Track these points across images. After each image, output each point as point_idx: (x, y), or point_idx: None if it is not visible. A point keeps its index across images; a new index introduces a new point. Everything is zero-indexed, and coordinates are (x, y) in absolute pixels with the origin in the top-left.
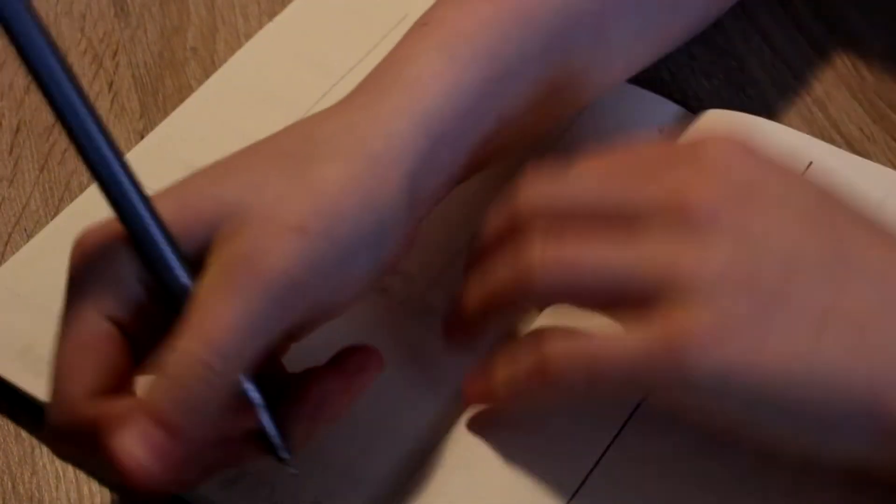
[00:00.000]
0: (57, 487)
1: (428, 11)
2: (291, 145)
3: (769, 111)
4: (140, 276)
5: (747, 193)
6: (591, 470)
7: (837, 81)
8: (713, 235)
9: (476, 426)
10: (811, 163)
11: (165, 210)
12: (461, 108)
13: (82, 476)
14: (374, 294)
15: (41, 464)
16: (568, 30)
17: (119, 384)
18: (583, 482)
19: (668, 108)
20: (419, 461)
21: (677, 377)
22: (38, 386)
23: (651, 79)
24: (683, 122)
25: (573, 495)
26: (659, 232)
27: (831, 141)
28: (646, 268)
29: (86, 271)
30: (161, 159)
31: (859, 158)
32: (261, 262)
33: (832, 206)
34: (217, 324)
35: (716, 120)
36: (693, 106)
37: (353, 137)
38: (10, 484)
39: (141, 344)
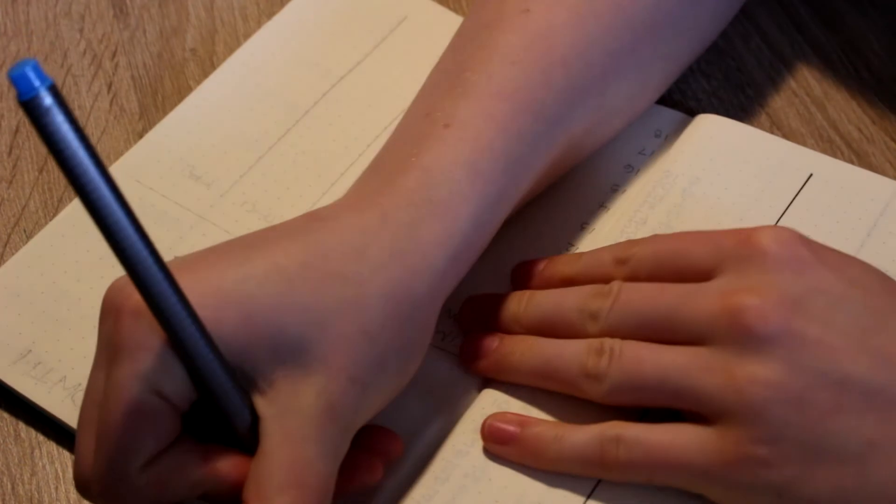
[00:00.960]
0: (56, 488)
1: (441, 105)
2: (330, 257)
3: (768, 111)
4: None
5: (802, 302)
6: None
7: (836, 82)
8: (767, 349)
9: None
10: (811, 175)
11: (228, 323)
12: (482, 224)
13: None
14: None
15: (41, 464)
16: (572, 109)
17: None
18: (597, 483)
19: (665, 114)
20: (427, 469)
21: (729, 487)
22: (36, 389)
23: None
24: (679, 125)
25: (589, 495)
26: (715, 342)
27: (830, 141)
28: (703, 379)
29: (137, 339)
30: (160, 158)
31: (859, 169)
32: (341, 416)
33: (886, 308)
34: (318, 483)
35: (713, 127)
36: (692, 106)
37: (400, 274)
38: (9, 485)
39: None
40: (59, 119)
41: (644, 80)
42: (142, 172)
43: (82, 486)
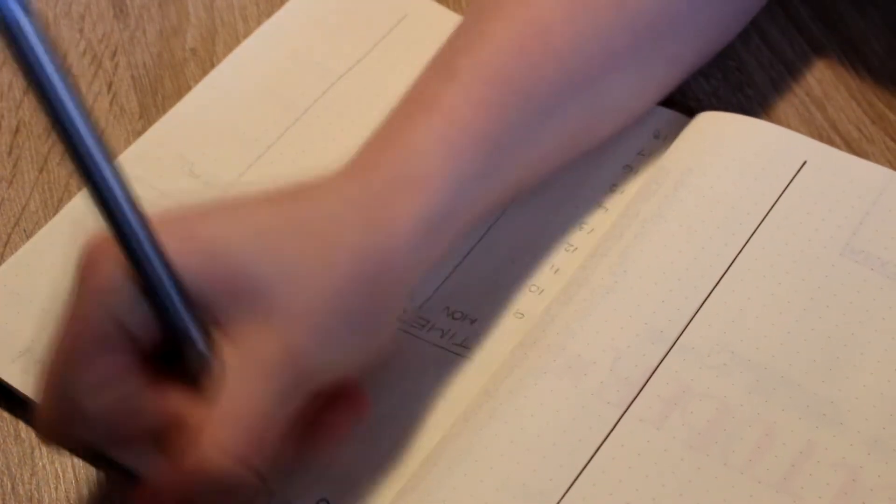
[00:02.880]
0: (56, 488)
1: (426, 88)
2: (309, 218)
3: (767, 111)
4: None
5: None
6: (582, 469)
7: (836, 82)
8: None
9: None
10: (805, 162)
11: (190, 261)
12: (458, 202)
13: (82, 477)
14: None
15: (41, 464)
16: (561, 96)
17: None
18: (574, 481)
19: (662, 114)
20: (416, 461)
21: None
22: (35, 388)
23: None
24: (678, 126)
25: (576, 478)
26: None
27: (829, 141)
28: None
29: (102, 271)
30: (159, 156)
31: (853, 157)
32: (298, 365)
33: None
34: (259, 426)
35: (710, 122)
36: (692, 106)
37: (371, 237)
38: (9, 484)
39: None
40: (32, 34)
41: (644, 80)
42: (141, 170)
43: (40, 425)
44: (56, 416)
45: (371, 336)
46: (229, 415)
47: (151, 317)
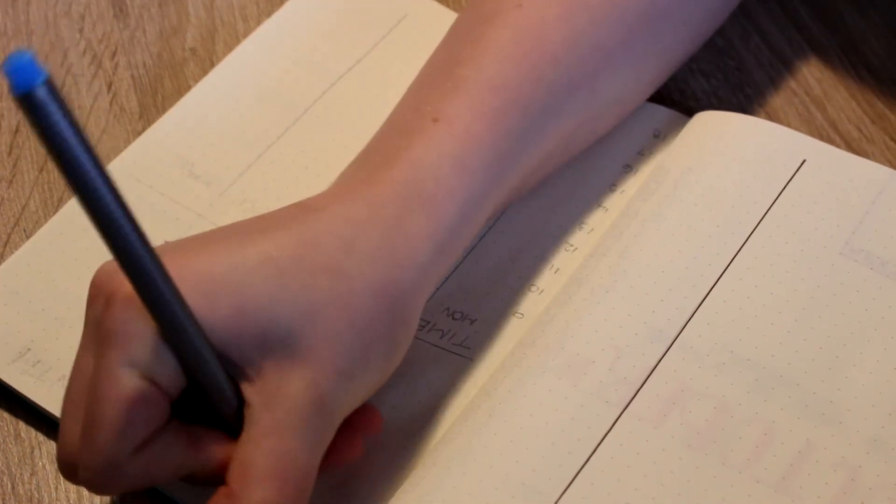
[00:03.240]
0: (56, 488)
1: (430, 100)
2: (320, 248)
3: (767, 111)
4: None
5: None
6: (581, 468)
7: (836, 82)
8: None
9: None
10: (804, 161)
11: (218, 312)
12: (467, 216)
13: None
14: None
15: (41, 464)
16: (563, 103)
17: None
18: (572, 480)
19: (662, 113)
20: (415, 461)
21: None
22: (35, 388)
23: None
24: (678, 126)
25: (574, 477)
26: None
27: (829, 141)
28: None
29: (128, 327)
30: (158, 156)
31: (853, 156)
32: (327, 408)
33: None
34: (300, 476)
35: (709, 121)
36: (691, 106)
37: (387, 268)
38: (9, 484)
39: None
40: (55, 112)
41: (637, 75)
42: (140, 170)
43: (67, 470)
44: (93, 472)
45: (390, 360)
46: (268, 470)
47: (178, 367)
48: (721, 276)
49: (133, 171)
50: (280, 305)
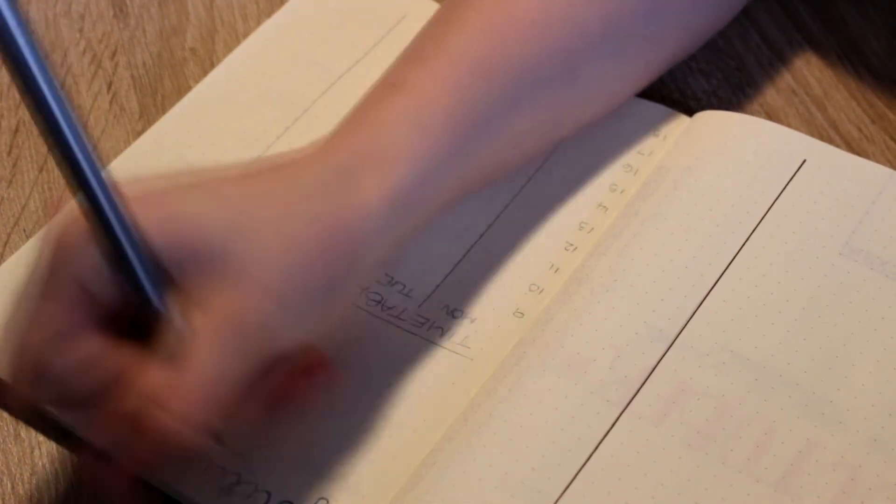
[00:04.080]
0: (56, 488)
1: (395, 71)
2: (277, 189)
3: (767, 111)
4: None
5: None
6: (581, 467)
7: (836, 81)
8: None
9: None
10: (804, 161)
11: (154, 226)
12: (427, 179)
13: (82, 477)
14: (371, 306)
15: (41, 464)
16: (532, 77)
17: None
18: (572, 480)
19: (662, 113)
20: (415, 460)
21: None
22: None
23: None
24: (678, 125)
25: (575, 476)
26: None
27: (829, 141)
28: None
29: (66, 237)
30: (158, 156)
31: (853, 156)
32: (253, 331)
33: None
34: (214, 393)
35: (709, 121)
36: (691, 105)
37: (333, 205)
38: (9, 484)
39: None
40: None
41: (623, 66)
42: (140, 170)
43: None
44: (16, 372)
45: (329, 306)
46: (186, 377)
47: (116, 281)
48: (721, 275)
49: (133, 171)
50: (220, 229)
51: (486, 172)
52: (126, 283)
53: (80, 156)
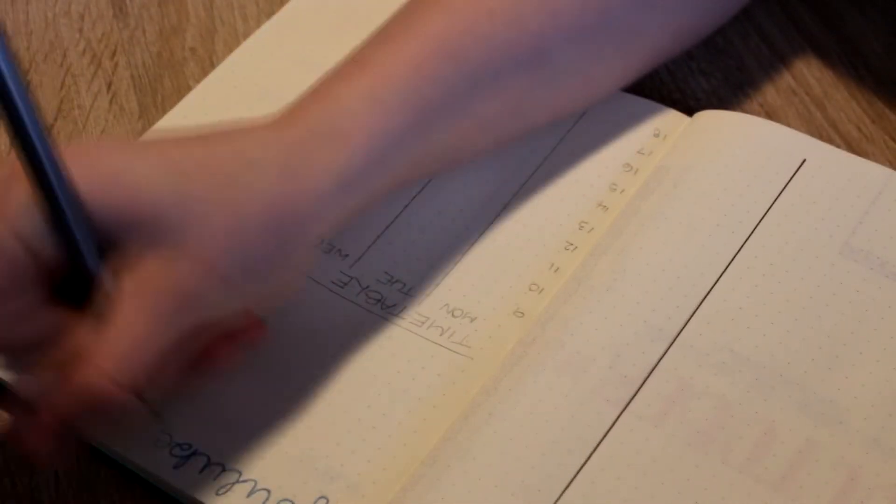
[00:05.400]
0: (56, 487)
1: (361, 50)
2: (224, 161)
3: (767, 111)
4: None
5: None
6: (581, 467)
7: (836, 81)
8: None
9: None
10: (804, 160)
11: (94, 187)
12: (382, 156)
13: (82, 477)
14: (370, 303)
15: None
16: (501, 60)
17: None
18: (572, 479)
19: (662, 113)
20: (415, 459)
21: None
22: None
23: (649, 79)
24: (678, 125)
25: (575, 475)
26: None
27: (830, 141)
28: None
29: (7, 199)
30: None
31: (853, 156)
32: (191, 303)
33: None
34: (140, 354)
35: (709, 120)
36: (691, 105)
37: (282, 185)
38: (9, 484)
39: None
40: None
41: (596, 54)
42: None
43: None
44: None
45: (270, 283)
46: (112, 338)
47: (54, 239)
48: (721, 275)
49: None
50: (163, 196)
51: (449, 154)
52: (61, 241)
53: (22, 110)
